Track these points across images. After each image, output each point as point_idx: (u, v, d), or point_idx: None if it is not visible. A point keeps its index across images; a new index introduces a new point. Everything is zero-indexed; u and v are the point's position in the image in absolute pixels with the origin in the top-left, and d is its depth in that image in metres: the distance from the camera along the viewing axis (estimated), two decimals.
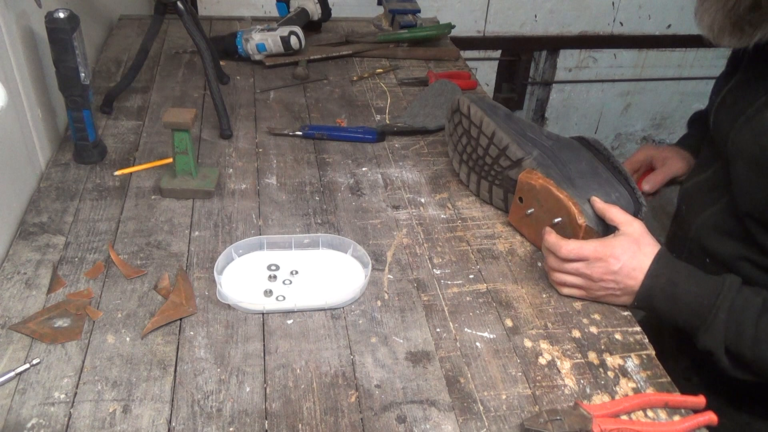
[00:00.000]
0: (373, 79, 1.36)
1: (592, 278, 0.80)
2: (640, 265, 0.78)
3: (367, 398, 0.69)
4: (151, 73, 1.30)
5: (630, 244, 0.79)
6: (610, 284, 0.80)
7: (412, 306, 0.81)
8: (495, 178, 0.94)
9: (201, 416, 0.66)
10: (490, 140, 0.92)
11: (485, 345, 0.76)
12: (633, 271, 0.78)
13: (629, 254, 0.79)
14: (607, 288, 0.80)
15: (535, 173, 0.87)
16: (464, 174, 1.00)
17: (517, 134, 0.91)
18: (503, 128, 0.91)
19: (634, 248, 0.79)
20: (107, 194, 0.96)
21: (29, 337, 0.72)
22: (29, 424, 0.64)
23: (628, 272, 0.78)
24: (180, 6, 1.09)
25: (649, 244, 0.80)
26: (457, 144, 0.99)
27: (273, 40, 1.33)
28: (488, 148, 0.93)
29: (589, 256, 0.79)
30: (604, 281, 0.80)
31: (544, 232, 0.84)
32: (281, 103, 1.24)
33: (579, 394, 0.71)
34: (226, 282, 0.82)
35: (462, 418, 0.67)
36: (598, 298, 0.83)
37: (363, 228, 0.93)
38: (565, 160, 0.88)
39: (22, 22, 0.96)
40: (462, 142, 0.98)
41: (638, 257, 0.79)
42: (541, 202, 0.86)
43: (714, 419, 0.68)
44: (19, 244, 0.85)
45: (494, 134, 0.91)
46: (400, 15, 1.57)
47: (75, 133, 0.99)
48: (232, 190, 0.99)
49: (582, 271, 0.80)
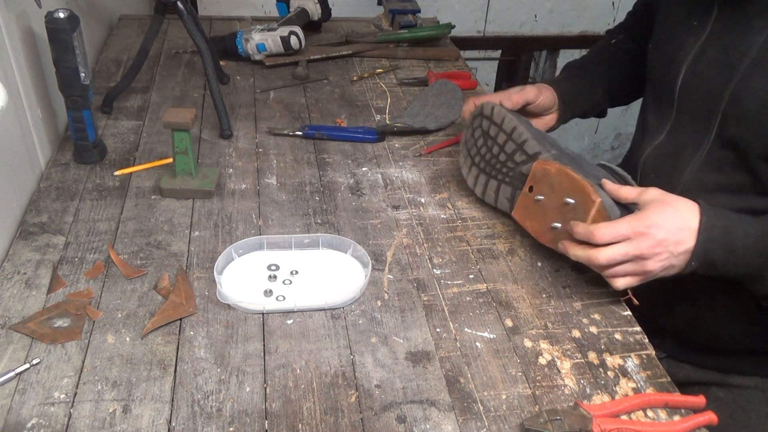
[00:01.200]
0: (373, 79, 1.36)
1: (643, 256, 0.74)
2: (684, 224, 0.74)
3: (367, 398, 0.69)
4: (151, 73, 1.30)
5: (662, 208, 0.75)
6: (663, 255, 0.74)
7: (412, 306, 0.81)
8: (506, 175, 0.93)
9: (201, 416, 0.66)
10: (509, 136, 0.92)
11: (485, 345, 0.76)
12: (679, 232, 0.74)
13: (667, 218, 0.74)
14: (661, 260, 0.75)
15: (551, 162, 0.86)
16: (472, 177, 0.99)
17: (539, 134, 0.91)
18: (524, 125, 0.92)
19: (669, 210, 0.75)
20: (107, 194, 0.96)
21: (29, 337, 0.72)
22: (29, 424, 0.64)
23: (676, 236, 0.74)
24: (180, 6, 1.09)
25: (679, 200, 0.76)
26: (471, 148, 0.98)
27: (273, 40, 1.33)
28: (505, 144, 0.92)
29: (627, 233, 0.74)
30: (657, 254, 0.74)
31: (570, 226, 0.79)
32: (281, 103, 1.24)
33: (579, 394, 0.71)
34: (226, 282, 0.82)
35: (462, 418, 0.67)
36: (656, 275, 0.77)
37: (363, 228, 0.93)
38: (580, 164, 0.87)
39: (22, 22, 0.96)
40: (477, 145, 0.97)
41: (679, 217, 0.74)
42: (554, 186, 0.84)
43: (714, 419, 0.68)
44: (19, 244, 0.85)
45: (514, 129, 0.91)
46: (400, 15, 1.57)
47: (75, 133, 0.99)
48: (232, 190, 0.99)
49: (630, 253, 0.74)
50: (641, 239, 0.74)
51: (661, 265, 0.75)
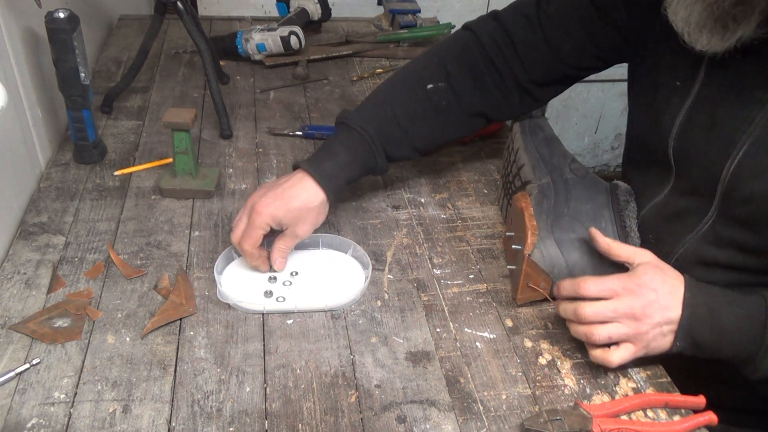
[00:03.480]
0: (373, 79, 1.36)
1: (635, 316, 0.69)
2: (672, 290, 0.69)
3: (367, 398, 0.69)
4: (151, 73, 1.30)
5: (654, 270, 0.70)
6: (656, 319, 0.69)
7: (412, 306, 0.81)
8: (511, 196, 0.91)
9: (201, 416, 0.66)
10: (515, 158, 0.91)
11: (485, 345, 0.76)
12: (666, 298, 0.69)
13: (658, 281, 0.69)
14: (653, 324, 0.69)
15: (525, 196, 0.83)
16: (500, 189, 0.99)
17: (539, 159, 0.87)
18: (529, 149, 0.89)
19: (660, 274, 0.70)
20: (107, 194, 0.96)
21: (29, 337, 0.72)
22: (29, 424, 0.64)
23: (665, 299, 0.69)
24: (180, 6, 1.08)
25: (669, 269, 0.72)
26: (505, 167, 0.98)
27: (273, 40, 1.33)
28: (511, 165, 0.92)
29: (616, 288, 0.69)
30: (648, 316, 0.69)
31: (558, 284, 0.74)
32: (281, 103, 1.24)
33: (579, 394, 0.71)
34: (226, 282, 0.82)
35: (462, 418, 0.67)
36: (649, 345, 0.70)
37: (363, 228, 0.93)
38: (571, 197, 0.82)
39: (22, 22, 0.96)
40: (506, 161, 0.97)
41: (669, 283, 0.70)
42: (518, 225, 0.82)
43: (714, 419, 0.68)
44: (19, 244, 0.85)
45: (518, 152, 0.90)
46: (400, 15, 1.57)
47: (75, 133, 0.99)
48: (232, 190, 0.99)
49: (620, 310, 0.69)
50: (632, 297, 0.69)
51: (653, 332, 0.70)
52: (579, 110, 2.50)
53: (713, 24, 0.67)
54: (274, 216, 0.79)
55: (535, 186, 0.85)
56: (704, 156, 0.75)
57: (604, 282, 0.70)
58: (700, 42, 0.69)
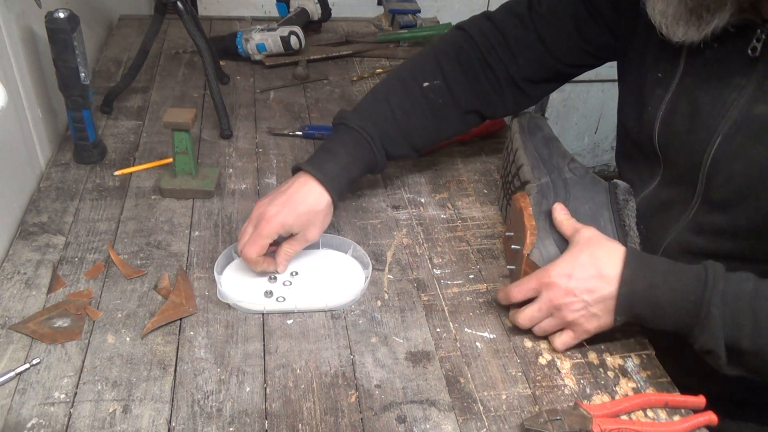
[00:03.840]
0: (373, 79, 1.36)
1: (556, 307, 0.72)
2: (598, 272, 0.71)
3: (367, 398, 0.69)
4: (151, 73, 1.30)
5: (576, 255, 0.72)
6: (577, 305, 0.71)
7: (412, 306, 0.81)
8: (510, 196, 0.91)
9: (201, 416, 0.66)
10: (514, 158, 0.91)
11: (485, 345, 0.76)
12: (591, 280, 0.71)
13: (579, 266, 0.72)
14: (576, 309, 0.72)
15: (524, 196, 0.84)
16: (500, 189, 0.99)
17: (538, 159, 0.88)
18: (528, 149, 0.89)
19: (583, 258, 0.72)
20: (107, 194, 0.96)
21: (29, 337, 0.72)
22: (29, 424, 0.64)
23: (587, 284, 0.71)
24: (180, 6, 1.08)
25: (603, 246, 0.73)
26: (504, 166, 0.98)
27: (273, 40, 1.33)
28: (510, 165, 0.92)
29: (534, 286, 0.74)
30: (569, 304, 0.72)
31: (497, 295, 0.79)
32: (281, 103, 1.24)
33: (579, 394, 0.71)
34: (226, 282, 0.82)
35: (462, 418, 0.67)
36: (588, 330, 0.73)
37: (363, 228, 0.93)
38: (570, 197, 0.82)
39: (22, 22, 0.96)
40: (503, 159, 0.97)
41: (593, 265, 0.71)
42: (517, 225, 0.83)
43: (714, 419, 0.68)
44: (19, 244, 0.85)
45: (517, 152, 0.90)
46: (400, 15, 1.57)
47: (75, 133, 0.99)
48: (232, 190, 0.99)
49: (543, 306, 0.73)
50: (549, 290, 0.72)
51: (580, 314, 0.72)
52: (579, 110, 2.49)
53: (689, 15, 0.69)
54: (283, 223, 0.79)
55: (534, 186, 0.85)
56: (687, 143, 0.77)
57: (524, 283, 0.75)
58: (676, 34, 0.72)
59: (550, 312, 0.74)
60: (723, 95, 0.73)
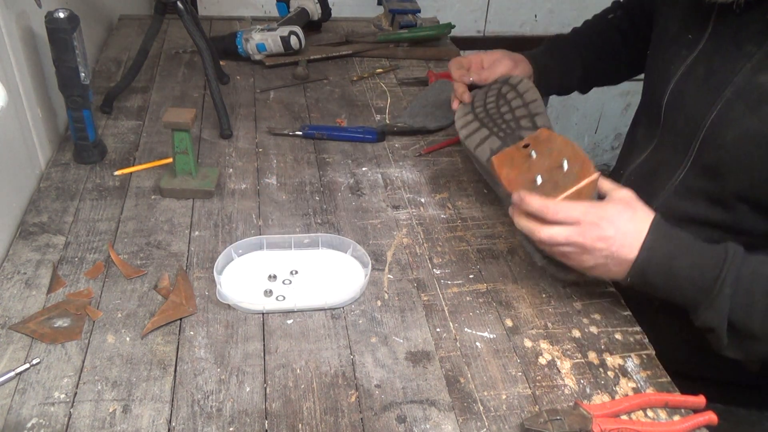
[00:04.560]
0: (373, 79, 1.36)
1: (584, 246, 0.71)
2: (636, 231, 0.71)
3: (367, 398, 0.69)
4: (151, 73, 1.30)
5: (624, 207, 0.72)
6: (602, 252, 0.71)
7: (412, 306, 0.81)
8: (502, 131, 0.91)
9: (201, 416, 0.66)
10: (526, 105, 0.91)
11: (485, 345, 0.76)
12: (627, 237, 0.70)
13: (624, 218, 0.71)
14: (598, 258, 0.71)
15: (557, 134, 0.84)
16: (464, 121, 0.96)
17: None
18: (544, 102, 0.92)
19: (629, 212, 0.72)
20: (107, 194, 0.96)
21: (29, 337, 0.72)
22: (29, 424, 0.64)
23: (623, 239, 0.70)
24: (180, 6, 1.08)
25: (642, 209, 0.73)
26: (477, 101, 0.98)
27: (273, 40, 1.33)
28: (517, 109, 0.92)
29: (579, 218, 0.71)
30: (597, 249, 0.71)
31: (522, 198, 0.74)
32: (281, 103, 1.24)
33: (579, 394, 0.71)
34: (226, 282, 0.82)
35: (462, 418, 0.67)
36: (587, 270, 0.74)
37: (363, 228, 0.93)
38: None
39: (22, 22, 0.96)
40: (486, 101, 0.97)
41: (634, 222, 0.71)
42: (554, 151, 0.82)
43: (714, 419, 0.68)
44: (19, 244, 0.85)
45: (534, 101, 0.91)
46: (400, 15, 1.57)
47: (75, 133, 0.99)
48: (232, 190, 0.99)
49: (572, 238, 0.71)
50: (590, 228, 0.71)
51: (597, 262, 0.72)
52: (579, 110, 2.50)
53: None
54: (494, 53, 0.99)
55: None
56: (691, 105, 0.79)
57: (571, 208, 0.72)
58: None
59: (576, 245, 0.71)
60: (734, 62, 0.75)
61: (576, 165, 0.78)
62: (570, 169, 0.78)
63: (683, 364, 0.78)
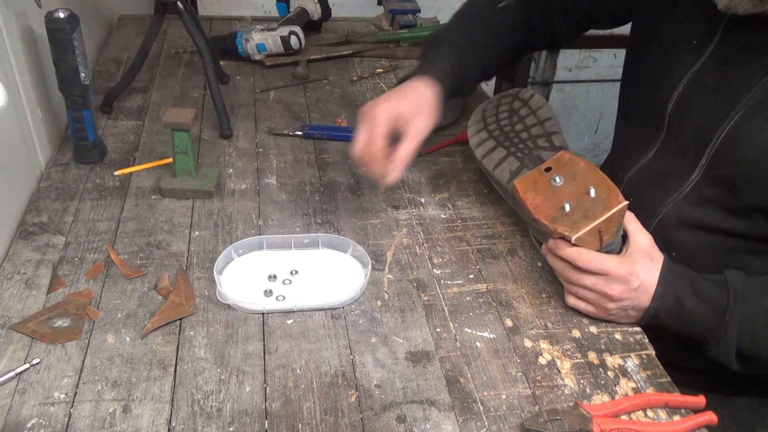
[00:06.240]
0: (373, 79, 1.36)
1: (610, 297, 0.75)
2: (654, 281, 0.75)
3: (367, 398, 0.69)
4: (151, 73, 1.30)
5: (646, 259, 0.75)
6: (625, 303, 0.75)
7: (412, 306, 0.81)
8: (520, 151, 0.90)
9: (201, 416, 0.66)
10: (540, 122, 0.91)
11: (485, 345, 0.76)
12: (647, 288, 0.74)
13: (646, 270, 0.74)
14: (622, 307, 0.76)
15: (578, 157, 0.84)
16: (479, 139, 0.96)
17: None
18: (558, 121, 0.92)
19: (649, 264, 0.75)
20: (107, 194, 0.96)
21: (29, 337, 0.72)
22: (29, 424, 0.64)
23: (645, 289, 0.74)
24: (180, 6, 1.08)
25: (659, 257, 0.76)
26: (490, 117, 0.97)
27: (273, 40, 1.33)
28: (532, 127, 0.91)
29: (610, 271, 0.74)
30: (622, 300, 0.75)
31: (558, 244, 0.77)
32: (281, 103, 1.24)
33: (579, 394, 0.71)
34: (226, 282, 0.82)
35: (462, 418, 0.67)
36: (604, 314, 0.78)
37: (363, 228, 0.93)
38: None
39: (22, 22, 0.96)
40: (499, 117, 0.96)
41: (652, 273, 0.75)
42: (578, 176, 0.82)
43: (714, 419, 0.68)
44: (19, 244, 0.85)
45: (549, 119, 0.90)
46: (400, 15, 1.57)
47: (75, 133, 0.99)
48: (232, 190, 0.99)
49: (600, 288, 0.75)
50: (618, 282, 0.74)
51: (619, 313, 0.77)
52: (579, 110, 2.50)
53: None
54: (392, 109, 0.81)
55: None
56: (701, 116, 0.78)
57: (604, 261, 0.74)
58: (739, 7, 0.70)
59: (602, 294, 0.75)
60: (750, 74, 0.73)
61: (602, 191, 0.79)
62: (597, 195, 0.78)
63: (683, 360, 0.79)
